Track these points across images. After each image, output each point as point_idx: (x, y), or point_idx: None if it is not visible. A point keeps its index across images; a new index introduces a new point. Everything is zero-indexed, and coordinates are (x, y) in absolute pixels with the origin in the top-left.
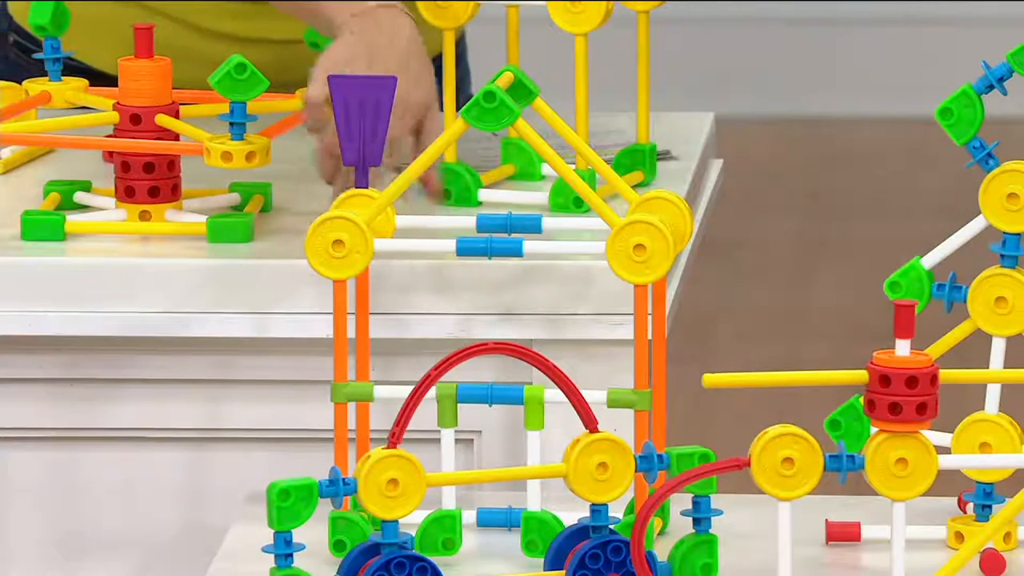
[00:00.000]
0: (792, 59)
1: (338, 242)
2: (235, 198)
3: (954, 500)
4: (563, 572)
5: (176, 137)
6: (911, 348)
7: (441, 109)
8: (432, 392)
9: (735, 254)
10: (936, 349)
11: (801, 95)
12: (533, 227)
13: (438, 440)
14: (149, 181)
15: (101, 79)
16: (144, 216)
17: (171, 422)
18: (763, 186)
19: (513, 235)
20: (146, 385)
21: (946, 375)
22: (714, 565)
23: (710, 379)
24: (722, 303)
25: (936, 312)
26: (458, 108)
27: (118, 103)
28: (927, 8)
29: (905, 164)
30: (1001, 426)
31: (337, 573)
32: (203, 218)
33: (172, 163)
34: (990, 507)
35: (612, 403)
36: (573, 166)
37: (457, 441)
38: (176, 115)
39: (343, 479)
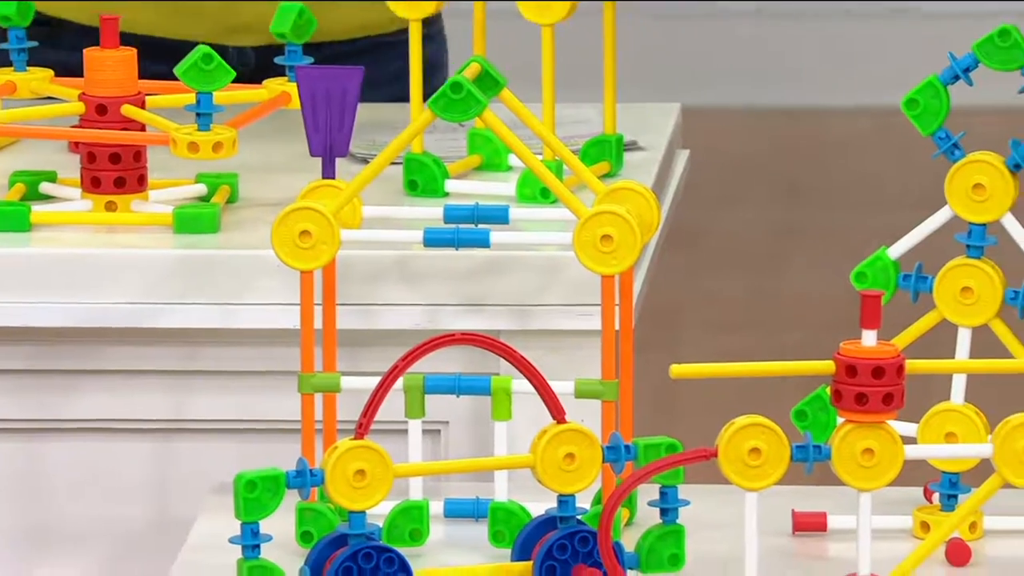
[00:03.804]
0: (758, 50)
1: (305, 233)
2: (201, 189)
3: (920, 490)
4: (530, 563)
5: (142, 127)
6: (877, 338)
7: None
8: (399, 383)
9: (701, 244)
10: (902, 339)
11: (767, 86)
12: (500, 218)
13: (405, 431)
14: (115, 171)
15: (147, 44)
16: (110, 206)
17: (137, 413)
18: (729, 176)
19: (480, 226)
20: (111, 376)
21: (912, 365)
22: (681, 555)
23: (677, 370)
24: (688, 293)
25: (902, 302)
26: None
27: (84, 93)
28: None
29: (870, 154)
30: (967, 416)
31: (304, 564)
32: (169, 209)
33: (138, 153)
34: (956, 497)
35: (579, 394)
36: (540, 157)
37: (424, 432)
38: (142, 105)
39: (310, 470)
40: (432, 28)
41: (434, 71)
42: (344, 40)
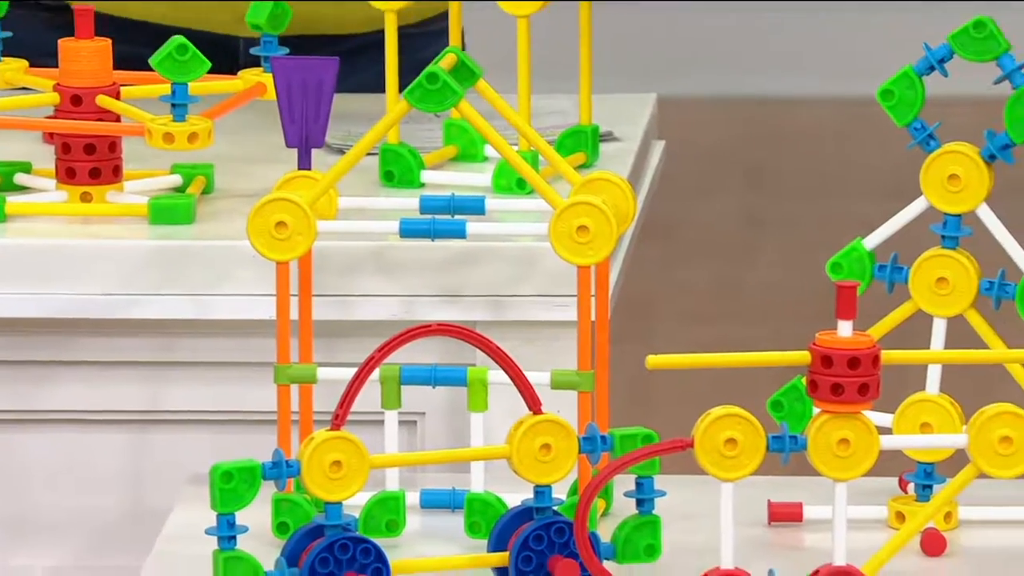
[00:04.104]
0: (734, 40)
1: (281, 224)
2: (177, 179)
3: (895, 480)
4: (507, 553)
5: (117, 118)
6: (853, 329)
7: None
8: (375, 374)
9: (677, 234)
10: (878, 330)
11: (743, 76)
12: (476, 208)
13: (381, 422)
14: (90, 162)
15: (160, 34)
16: (85, 197)
17: (112, 404)
18: (705, 167)
19: (456, 216)
20: (87, 367)
21: (888, 356)
22: (657, 545)
23: (653, 360)
24: (663, 283)
25: (877, 293)
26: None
27: (58, 84)
28: None
29: (846, 144)
30: (942, 406)
31: (280, 555)
32: (144, 199)
33: (113, 144)
34: (931, 487)
35: (555, 384)
36: (516, 147)
37: (400, 423)
38: (117, 96)
39: (286, 461)
40: (438, 25)
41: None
42: (365, 32)
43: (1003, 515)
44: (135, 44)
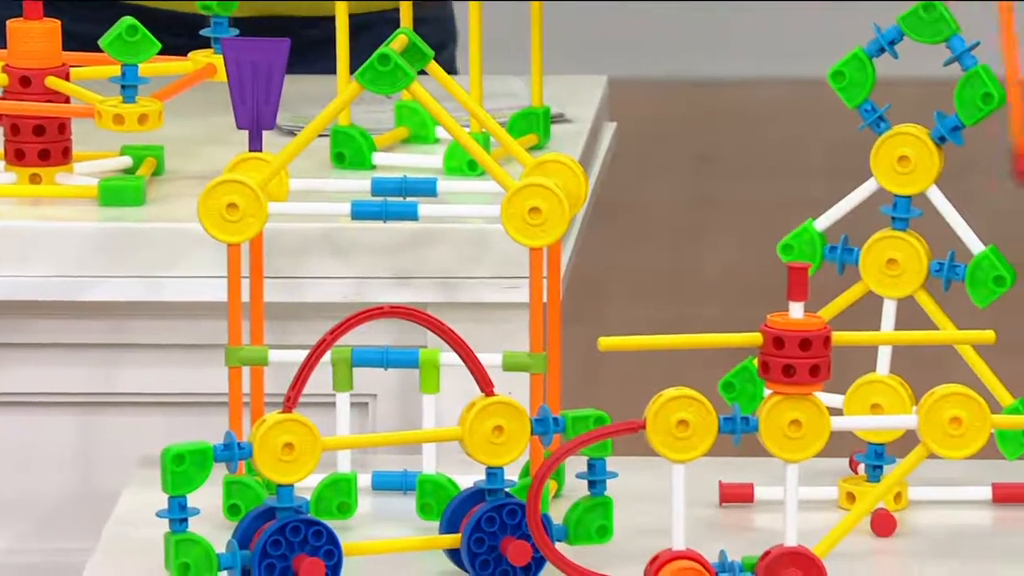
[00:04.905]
0: (685, 21)
1: (232, 206)
2: (127, 161)
3: (846, 461)
4: (459, 535)
5: (66, 100)
6: (804, 310)
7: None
8: (327, 356)
9: (628, 216)
10: (828, 311)
11: (694, 57)
12: (428, 190)
13: (333, 404)
14: (39, 144)
15: (165, 18)
16: (34, 179)
17: (63, 386)
18: (656, 148)
19: (408, 198)
20: (37, 349)
21: (839, 337)
22: (609, 527)
23: (606, 342)
24: (613, 264)
25: (828, 274)
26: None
27: (7, 65)
28: None
29: (796, 126)
30: (892, 387)
31: (232, 537)
32: (94, 181)
33: (63, 126)
34: (881, 468)
35: (507, 366)
36: (467, 129)
37: (352, 405)
38: (66, 77)
39: (238, 443)
40: (427, 12)
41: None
42: (353, 14)
43: (952, 495)
44: (108, 24)
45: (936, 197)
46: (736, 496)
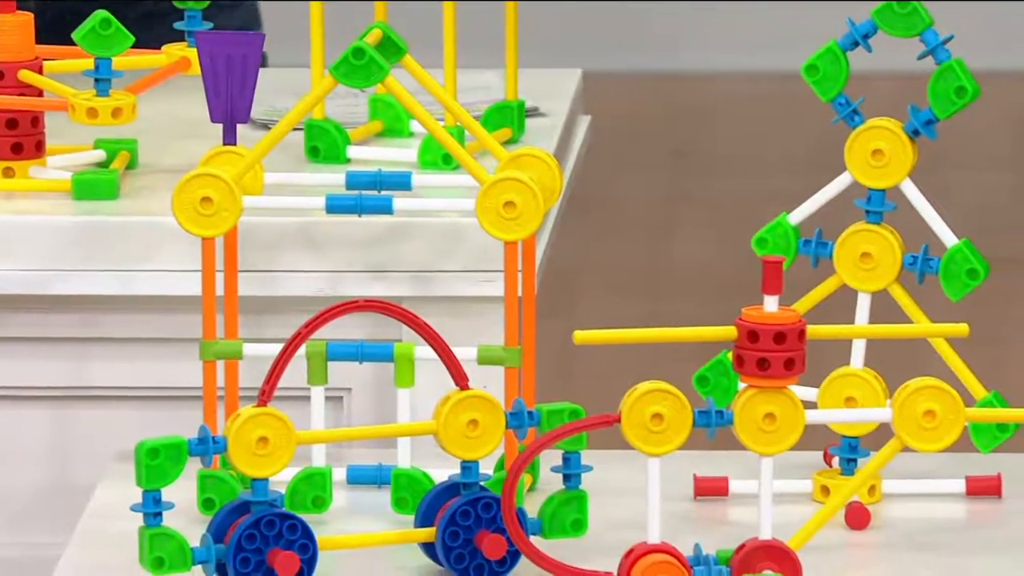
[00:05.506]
0: (660, 15)
1: (206, 199)
2: (100, 155)
3: (820, 454)
4: (433, 529)
5: (40, 93)
6: (778, 304)
7: None
8: (302, 350)
9: (601, 210)
10: (803, 304)
11: (669, 51)
12: (403, 184)
13: (308, 398)
14: (12, 137)
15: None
16: (7, 173)
17: (37, 380)
18: (631, 142)
19: (383, 192)
20: (10, 343)
21: (813, 331)
22: (584, 520)
23: (580, 336)
24: (588, 258)
25: (802, 268)
26: None
27: None
28: None
29: (771, 119)
30: (866, 380)
31: (207, 531)
32: (68, 175)
33: (36, 119)
34: (855, 461)
35: (482, 360)
36: (442, 123)
37: (327, 399)
38: (40, 71)
39: (212, 437)
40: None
41: None
42: None
43: (926, 488)
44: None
45: (910, 190)
46: (711, 489)
